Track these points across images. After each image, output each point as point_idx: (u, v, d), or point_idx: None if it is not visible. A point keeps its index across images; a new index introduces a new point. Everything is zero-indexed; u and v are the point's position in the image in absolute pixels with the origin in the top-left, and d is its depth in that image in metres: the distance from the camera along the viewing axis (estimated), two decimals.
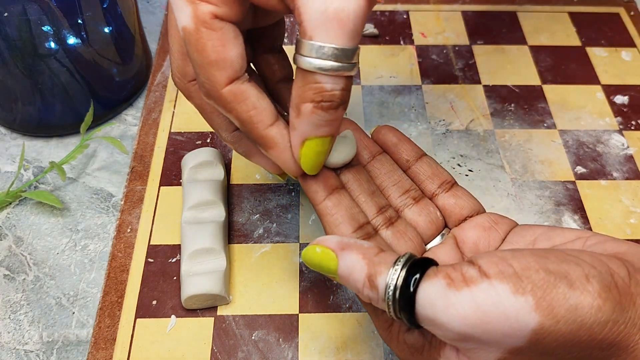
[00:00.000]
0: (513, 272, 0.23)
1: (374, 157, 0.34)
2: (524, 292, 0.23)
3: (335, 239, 0.27)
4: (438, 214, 0.33)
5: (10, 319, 0.37)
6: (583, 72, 0.51)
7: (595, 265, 0.24)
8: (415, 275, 0.24)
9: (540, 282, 0.23)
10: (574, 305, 0.23)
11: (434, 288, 0.24)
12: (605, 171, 0.44)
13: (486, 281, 0.23)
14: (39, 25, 0.40)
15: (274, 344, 0.35)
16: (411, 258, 0.25)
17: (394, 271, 0.25)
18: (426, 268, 0.25)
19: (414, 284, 0.24)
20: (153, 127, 0.46)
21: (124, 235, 0.40)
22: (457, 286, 0.23)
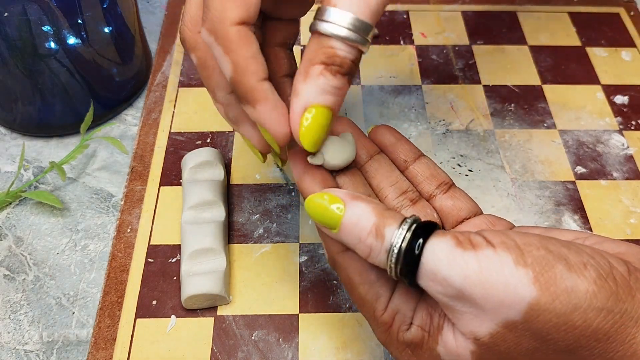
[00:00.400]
0: (515, 245, 0.24)
1: (371, 157, 0.33)
2: (525, 264, 0.23)
3: (344, 191, 0.27)
4: (435, 216, 0.32)
5: (10, 319, 0.37)
6: (583, 72, 0.51)
7: (594, 256, 0.24)
8: (421, 238, 0.25)
9: (540, 258, 0.23)
10: (570, 286, 0.23)
11: (442, 244, 0.24)
12: (605, 171, 0.44)
13: (491, 248, 0.24)
14: (39, 25, 0.40)
15: (274, 344, 0.35)
16: (418, 219, 0.25)
17: (404, 224, 0.25)
18: (433, 229, 0.25)
19: (418, 246, 0.24)
20: (153, 127, 0.46)
21: (124, 235, 0.40)
22: (464, 247, 0.24)
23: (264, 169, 0.44)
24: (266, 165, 0.44)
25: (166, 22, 0.54)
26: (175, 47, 0.52)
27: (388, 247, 0.25)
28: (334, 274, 0.38)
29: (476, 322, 0.24)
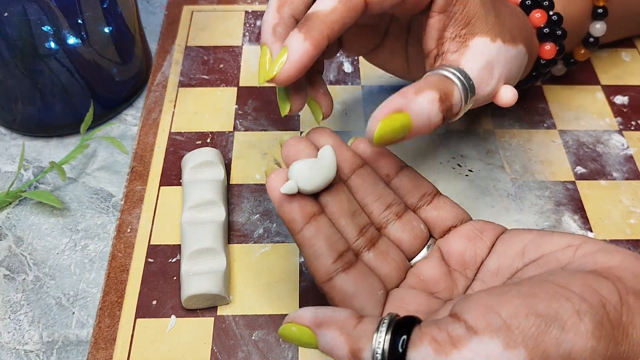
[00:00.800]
0: (502, 323, 0.22)
1: (354, 172, 0.32)
2: (516, 344, 0.22)
3: (309, 314, 0.26)
4: (422, 227, 0.32)
5: (10, 319, 0.37)
6: (583, 72, 0.51)
7: (585, 296, 0.23)
8: (401, 343, 0.23)
9: (531, 330, 0.22)
10: (567, 349, 0.22)
11: (422, 355, 0.23)
12: (605, 171, 0.44)
13: (475, 338, 0.22)
14: (39, 25, 0.40)
15: (274, 344, 0.35)
16: (391, 323, 0.24)
17: (378, 344, 0.24)
18: (410, 330, 0.24)
19: (402, 345, 0.23)
20: (153, 127, 0.46)
21: (124, 235, 0.40)
22: (445, 350, 0.22)
23: (264, 169, 0.44)
24: (266, 165, 0.44)
25: (166, 22, 0.54)
26: (175, 47, 0.52)
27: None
28: None
29: None
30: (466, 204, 0.42)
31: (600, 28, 0.44)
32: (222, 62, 0.51)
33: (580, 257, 0.26)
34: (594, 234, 0.40)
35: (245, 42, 0.53)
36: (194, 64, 0.51)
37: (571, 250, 0.27)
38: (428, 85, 0.31)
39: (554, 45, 0.40)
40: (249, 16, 0.55)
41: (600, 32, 0.44)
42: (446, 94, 0.31)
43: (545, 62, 0.41)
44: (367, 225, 0.31)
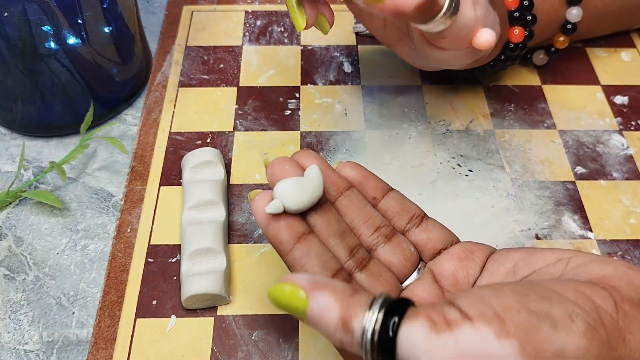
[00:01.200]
0: (494, 313, 0.22)
1: (341, 194, 0.32)
2: (508, 335, 0.22)
3: (306, 276, 0.25)
4: (412, 249, 0.31)
5: (10, 319, 0.37)
6: (583, 72, 0.51)
7: (579, 302, 0.23)
8: (394, 318, 0.23)
9: (524, 323, 0.22)
10: (559, 348, 0.22)
11: (416, 331, 0.22)
12: (605, 171, 0.44)
13: (469, 324, 0.22)
14: (39, 25, 0.40)
15: (274, 344, 0.35)
16: (388, 299, 0.24)
17: (371, 313, 0.23)
18: (405, 309, 0.23)
19: (393, 327, 0.23)
20: (153, 127, 0.46)
21: (124, 235, 0.40)
22: (440, 329, 0.22)
23: (264, 169, 0.44)
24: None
25: (166, 22, 0.54)
26: (175, 47, 0.52)
27: (359, 339, 0.23)
28: None
29: None
30: (466, 204, 0.42)
31: (577, 14, 0.45)
32: (222, 62, 0.51)
33: (573, 269, 0.26)
34: (594, 234, 0.40)
35: (245, 42, 0.53)
36: (194, 64, 0.51)
37: (562, 264, 0.27)
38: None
39: (523, 30, 0.41)
40: (249, 16, 0.55)
41: (576, 18, 0.45)
42: None
43: (513, 46, 0.42)
44: (357, 247, 0.31)
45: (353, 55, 0.52)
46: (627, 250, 0.40)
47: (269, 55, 0.52)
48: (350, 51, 0.52)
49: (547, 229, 0.41)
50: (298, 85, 0.49)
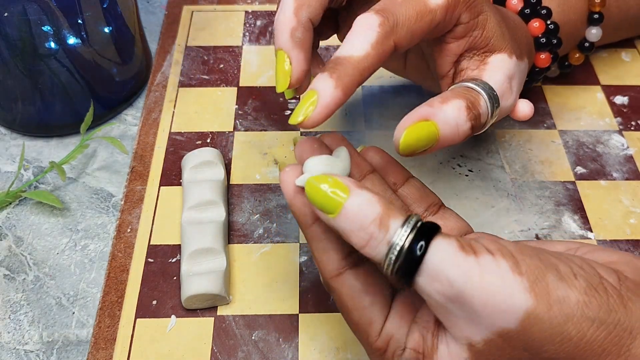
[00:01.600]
0: (510, 253, 0.24)
1: (364, 177, 0.33)
2: (520, 272, 0.23)
3: (349, 179, 0.26)
4: None
5: (10, 319, 0.37)
6: (583, 72, 0.51)
7: (583, 267, 0.24)
8: (429, 232, 0.24)
9: (534, 267, 0.23)
10: (562, 296, 0.23)
11: (446, 245, 0.24)
12: (605, 171, 0.44)
13: (490, 255, 0.24)
14: (39, 25, 0.40)
15: (274, 344, 0.35)
16: (421, 219, 0.25)
17: (409, 220, 0.25)
18: (437, 229, 0.25)
19: (426, 238, 0.24)
20: (153, 127, 0.46)
21: (124, 235, 0.40)
22: (466, 251, 0.24)
23: (264, 169, 0.44)
24: (266, 165, 0.44)
25: (166, 22, 0.54)
26: (175, 47, 0.52)
27: (390, 239, 0.24)
28: None
29: (471, 328, 0.24)
30: (466, 204, 0.42)
31: (596, 33, 0.44)
32: (222, 62, 0.51)
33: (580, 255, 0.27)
34: (594, 234, 0.40)
35: (245, 42, 0.53)
36: (194, 64, 0.51)
37: (571, 252, 0.28)
38: (454, 95, 0.31)
39: (549, 54, 0.41)
40: (249, 16, 0.55)
41: (595, 38, 0.45)
42: (473, 103, 0.31)
43: (538, 70, 0.42)
44: None
45: None
46: (627, 250, 0.40)
47: (269, 56, 0.52)
48: None
49: (547, 229, 0.41)
50: None
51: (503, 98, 0.34)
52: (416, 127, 0.30)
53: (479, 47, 0.34)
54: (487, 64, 0.34)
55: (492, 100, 0.33)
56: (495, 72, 0.34)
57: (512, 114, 0.36)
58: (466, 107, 0.31)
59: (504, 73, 0.34)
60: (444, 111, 0.30)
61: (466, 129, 0.31)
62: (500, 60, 0.34)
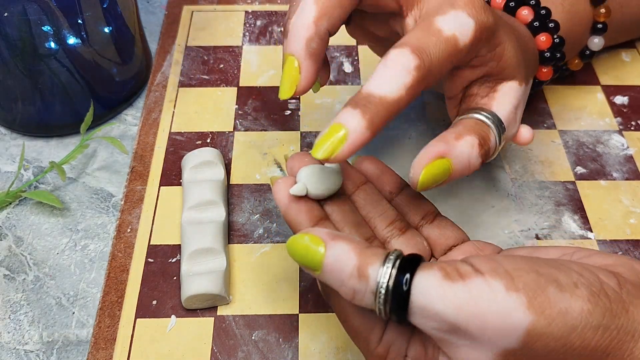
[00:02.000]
0: (505, 270, 0.23)
1: (358, 188, 0.33)
2: (517, 289, 0.23)
3: (325, 230, 0.26)
4: (425, 244, 0.32)
5: (10, 319, 0.37)
6: (583, 72, 0.51)
7: (583, 274, 0.24)
8: (410, 268, 0.24)
9: (532, 282, 0.23)
10: (564, 308, 0.23)
11: (430, 278, 0.23)
12: (605, 171, 0.44)
13: (480, 277, 0.23)
14: (38, 25, 0.40)
15: (274, 344, 0.35)
16: (401, 254, 0.25)
17: (388, 261, 0.24)
18: (417, 264, 0.24)
19: (406, 281, 0.24)
20: (153, 127, 0.46)
21: (124, 235, 0.40)
22: (452, 278, 0.23)
23: (264, 169, 0.44)
24: (266, 165, 0.44)
25: (166, 22, 0.54)
26: (175, 47, 0.52)
27: (374, 288, 0.24)
28: None
29: (473, 354, 0.24)
30: (466, 204, 0.42)
31: (598, 43, 0.44)
32: (222, 62, 0.51)
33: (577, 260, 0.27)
34: (594, 234, 0.40)
35: (245, 42, 0.53)
36: (194, 64, 0.51)
37: (567, 257, 0.27)
38: (467, 130, 0.31)
39: (551, 69, 0.41)
40: (249, 16, 0.55)
41: (597, 47, 0.44)
42: (484, 138, 0.31)
43: (538, 82, 0.41)
44: (371, 238, 0.32)
45: (353, 55, 0.52)
46: (627, 250, 0.40)
47: (269, 55, 0.52)
48: (350, 51, 0.52)
49: (547, 229, 0.41)
50: None
51: (508, 128, 0.34)
52: (433, 166, 0.29)
53: (493, 75, 0.33)
54: (497, 91, 0.34)
55: (499, 132, 0.33)
56: (505, 102, 0.33)
57: (514, 140, 0.36)
58: (479, 144, 0.31)
59: (512, 103, 0.34)
60: (459, 148, 0.30)
61: (477, 164, 0.31)
62: (510, 89, 0.34)
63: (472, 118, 0.32)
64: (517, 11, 0.40)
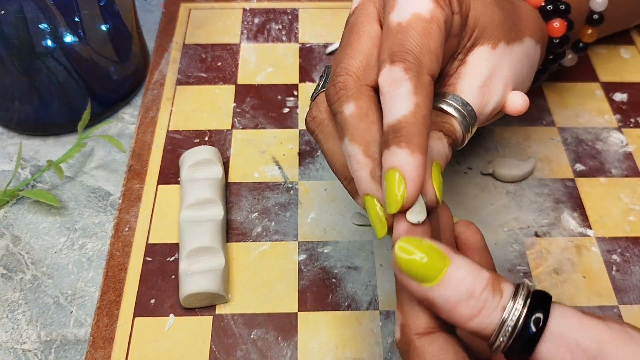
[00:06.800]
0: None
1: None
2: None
3: (442, 244, 0.24)
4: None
5: (8, 318, 0.36)
6: (582, 69, 0.50)
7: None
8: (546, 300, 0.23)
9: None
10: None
11: (569, 311, 0.23)
12: (604, 169, 0.44)
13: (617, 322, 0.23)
14: (35, 24, 0.40)
15: (272, 342, 0.35)
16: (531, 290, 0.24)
17: (522, 288, 0.23)
18: (550, 298, 0.24)
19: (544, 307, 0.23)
20: (151, 126, 0.46)
21: (122, 234, 0.40)
22: (592, 316, 0.23)
23: (262, 167, 0.43)
24: (264, 163, 0.44)
25: (164, 20, 0.54)
26: (172, 45, 0.52)
27: (505, 304, 0.23)
28: (333, 272, 0.38)
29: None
30: (465, 202, 0.42)
31: (601, 2, 0.42)
32: (219, 60, 0.51)
33: None
34: (593, 231, 0.40)
35: (243, 40, 0.53)
36: (191, 62, 0.51)
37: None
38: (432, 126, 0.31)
39: (562, 21, 0.38)
40: (246, 14, 0.55)
41: (602, 7, 0.42)
42: (449, 130, 0.31)
43: (558, 41, 0.38)
44: None
45: None
46: (626, 247, 0.40)
47: (267, 53, 0.51)
48: None
49: (546, 226, 0.41)
50: (296, 83, 0.49)
51: (481, 106, 0.32)
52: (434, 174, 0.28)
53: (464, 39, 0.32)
54: (466, 64, 0.32)
55: (465, 118, 0.31)
56: (472, 77, 0.32)
57: (505, 109, 0.34)
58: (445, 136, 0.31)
59: (482, 75, 0.32)
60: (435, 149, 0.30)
61: (448, 151, 0.31)
62: (478, 58, 0.32)
63: (435, 109, 0.31)
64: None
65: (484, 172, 0.43)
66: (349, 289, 0.37)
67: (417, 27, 0.28)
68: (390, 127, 0.27)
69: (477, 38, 0.32)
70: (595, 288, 0.38)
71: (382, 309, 0.37)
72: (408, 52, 0.27)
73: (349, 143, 0.29)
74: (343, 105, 0.29)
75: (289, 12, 0.55)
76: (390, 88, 0.27)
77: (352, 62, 0.30)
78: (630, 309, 0.37)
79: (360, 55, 0.30)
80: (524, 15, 0.36)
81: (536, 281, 0.38)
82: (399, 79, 0.27)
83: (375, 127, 0.29)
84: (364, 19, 0.31)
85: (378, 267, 0.38)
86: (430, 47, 0.28)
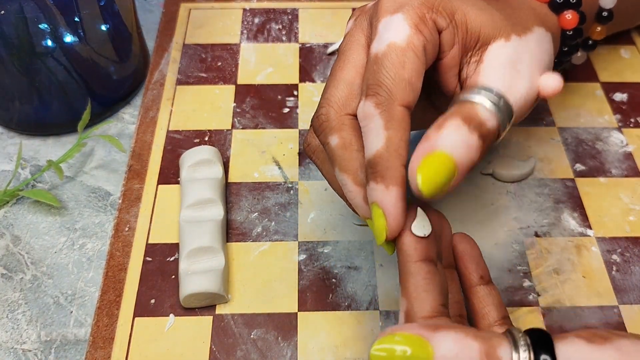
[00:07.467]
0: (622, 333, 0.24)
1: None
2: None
3: (419, 324, 0.24)
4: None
5: (7, 318, 0.36)
6: (582, 69, 0.50)
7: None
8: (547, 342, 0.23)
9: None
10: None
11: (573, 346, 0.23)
12: (604, 169, 0.44)
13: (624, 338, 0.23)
14: (35, 23, 0.40)
15: (272, 342, 0.35)
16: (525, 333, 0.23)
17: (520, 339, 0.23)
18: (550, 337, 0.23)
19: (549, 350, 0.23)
20: (151, 126, 0.46)
21: (122, 234, 0.40)
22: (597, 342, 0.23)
23: (262, 167, 0.43)
24: (264, 163, 0.44)
25: (164, 19, 0.54)
26: (172, 44, 0.52)
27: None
28: (333, 272, 0.38)
29: None
30: (465, 202, 0.42)
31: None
32: (220, 59, 0.51)
33: None
34: (593, 231, 0.40)
35: (243, 40, 0.53)
36: (191, 61, 0.51)
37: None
38: (446, 118, 0.28)
39: (574, 12, 0.37)
40: (246, 14, 0.55)
41: (610, 3, 0.41)
42: (470, 115, 0.28)
43: (572, 33, 0.38)
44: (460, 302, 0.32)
45: None
46: (626, 247, 0.40)
47: (267, 53, 0.51)
48: None
49: (546, 226, 0.41)
50: (296, 83, 0.49)
51: (512, 88, 0.30)
52: (428, 165, 0.26)
53: (472, 45, 0.31)
54: (483, 62, 0.31)
55: (493, 102, 0.29)
56: (492, 69, 0.31)
57: (540, 94, 0.32)
58: (463, 122, 0.28)
59: (503, 64, 0.31)
60: (444, 137, 0.27)
61: (477, 144, 0.28)
62: (494, 53, 0.31)
63: (453, 104, 0.30)
64: None
65: (484, 172, 0.43)
66: (349, 289, 0.37)
67: (392, 57, 0.28)
68: (368, 162, 0.28)
69: (487, 38, 0.31)
70: (595, 288, 0.38)
71: (382, 309, 0.37)
72: (380, 85, 0.28)
73: (339, 172, 0.30)
74: (328, 137, 0.31)
75: (289, 12, 0.55)
76: (364, 122, 0.28)
77: (333, 92, 0.31)
78: (630, 309, 0.37)
79: (342, 84, 0.31)
80: (524, 8, 0.36)
81: (536, 281, 0.38)
82: (370, 114, 0.28)
83: (361, 154, 0.30)
84: (351, 47, 0.32)
85: (378, 267, 0.38)
86: (404, 77, 0.28)
